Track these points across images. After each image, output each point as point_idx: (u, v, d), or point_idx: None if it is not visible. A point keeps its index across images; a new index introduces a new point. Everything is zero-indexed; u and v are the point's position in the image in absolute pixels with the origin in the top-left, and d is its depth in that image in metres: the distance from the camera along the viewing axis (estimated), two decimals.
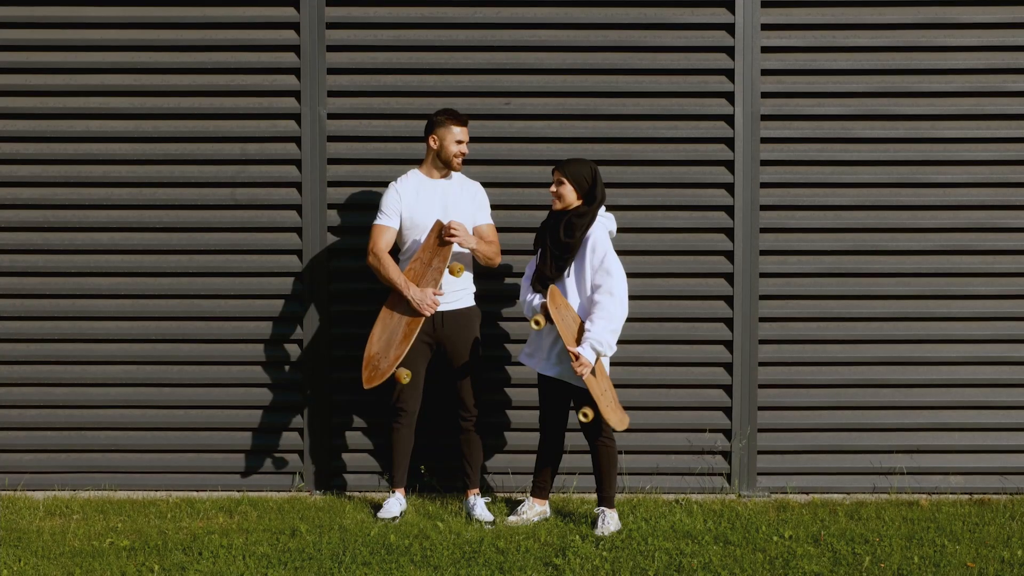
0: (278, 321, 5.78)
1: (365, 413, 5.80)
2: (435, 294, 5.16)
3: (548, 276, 5.11)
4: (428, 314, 5.18)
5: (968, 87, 5.73)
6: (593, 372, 4.98)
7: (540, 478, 5.32)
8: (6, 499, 5.57)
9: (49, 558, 4.74)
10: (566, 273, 5.09)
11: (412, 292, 5.18)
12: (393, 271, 5.23)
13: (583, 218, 5.06)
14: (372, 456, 5.81)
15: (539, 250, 5.21)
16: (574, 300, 5.06)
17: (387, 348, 5.16)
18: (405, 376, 5.13)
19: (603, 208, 5.16)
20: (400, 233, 5.32)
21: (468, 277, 5.39)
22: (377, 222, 5.29)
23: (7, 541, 4.94)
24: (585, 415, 4.95)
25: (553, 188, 5.11)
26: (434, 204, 5.27)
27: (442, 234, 5.14)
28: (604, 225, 5.12)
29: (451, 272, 5.16)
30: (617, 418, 5.07)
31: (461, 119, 5.28)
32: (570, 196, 5.09)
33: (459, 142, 5.27)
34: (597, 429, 5.12)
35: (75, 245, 5.76)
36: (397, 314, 5.22)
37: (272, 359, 5.78)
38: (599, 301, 4.96)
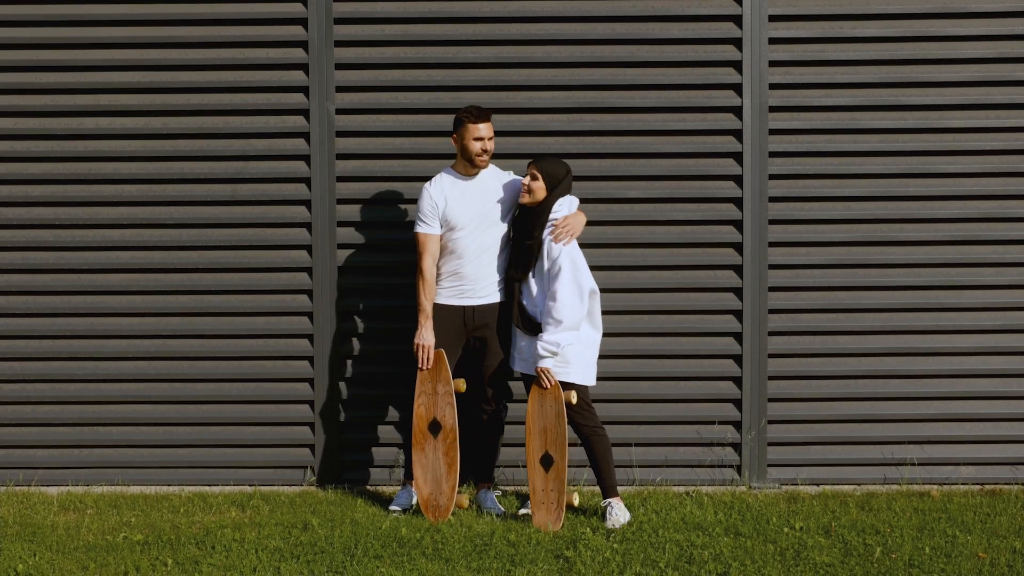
0: (288, 316, 5.79)
1: (376, 407, 5.82)
2: (426, 366, 5.16)
3: (514, 276, 5.12)
4: (422, 364, 5.16)
5: (977, 76, 5.70)
6: (551, 461, 4.97)
7: None
8: (20, 494, 5.61)
9: (63, 552, 4.77)
10: (531, 273, 5.09)
11: (424, 331, 5.16)
12: (427, 299, 5.18)
13: (541, 216, 5.03)
14: (383, 450, 5.83)
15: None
16: (540, 299, 5.07)
17: (438, 484, 5.15)
18: (466, 502, 5.23)
19: (568, 196, 5.10)
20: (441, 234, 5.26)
21: (497, 271, 5.35)
22: (420, 230, 5.20)
23: (22, 536, 4.97)
24: (568, 402, 5.00)
25: (526, 181, 5.10)
26: (472, 204, 5.19)
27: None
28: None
29: (457, 388, 5.16)
30: (543, 516, 4.99)
31: (479, 116, 5.16)
32: (540, 193, 5.06)
33: (478, 139, 5.15)
34: (584, 420, 5.10)
35: (86, 242, 5.78)
36: (430, 451, 5.17)
37: (283, 354, 5.80)
38: (547, 305, 4.97)
